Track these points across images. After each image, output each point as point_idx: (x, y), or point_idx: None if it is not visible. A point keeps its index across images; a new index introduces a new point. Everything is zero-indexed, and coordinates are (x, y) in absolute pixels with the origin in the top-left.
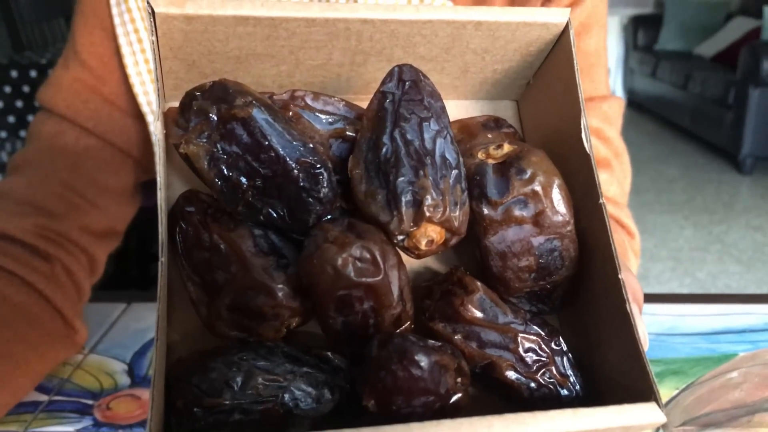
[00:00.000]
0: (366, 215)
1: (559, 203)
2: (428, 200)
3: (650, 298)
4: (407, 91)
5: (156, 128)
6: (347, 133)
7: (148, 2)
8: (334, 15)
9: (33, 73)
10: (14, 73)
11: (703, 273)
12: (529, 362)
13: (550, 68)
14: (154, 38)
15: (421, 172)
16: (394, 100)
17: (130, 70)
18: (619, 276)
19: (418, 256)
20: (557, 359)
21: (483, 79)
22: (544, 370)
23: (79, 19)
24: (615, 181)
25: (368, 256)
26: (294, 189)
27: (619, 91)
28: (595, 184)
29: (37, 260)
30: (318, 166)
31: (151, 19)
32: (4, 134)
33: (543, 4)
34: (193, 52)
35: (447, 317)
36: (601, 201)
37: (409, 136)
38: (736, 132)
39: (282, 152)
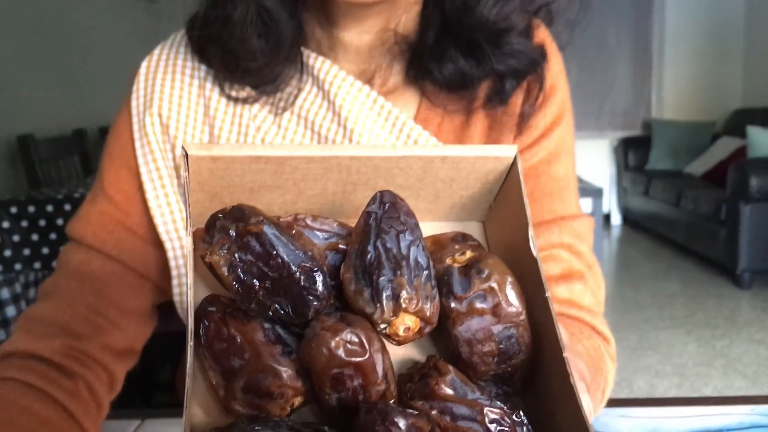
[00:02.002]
0: (355, 309)
1: (512, 297)
2: (404, 294)
3: (633, 402)
4: (387, 211)
5: (186, 243)
6: (340, 246)
7: (183, 147)
8: (329, 153)
9: (49, 208)
10: (31, 209)
11: (709, 389)
12: (494, 431)
13: (506, 193)
14: (186, 174)
15: (398, 273)
16: (377, 218)
17: (152, 203)
18: (564, 355)
19: (399, 343)
20: (518, 429)
21: (452, 203)
22: None
23: (107, 159)
24: (589, 291)
25: (356, 339)
26: (296, 288)
27: (614, 210)
28: (542, 282)
29: (63, 378)
30: (315, 269)
31: (185, 160)
32: (18, 266)
33: (515, 138)
34: (216, 186)
35: (424, 395)
36: (547, 295)
37: (388, 245)
38: (731, 247)
39: (287, 259)
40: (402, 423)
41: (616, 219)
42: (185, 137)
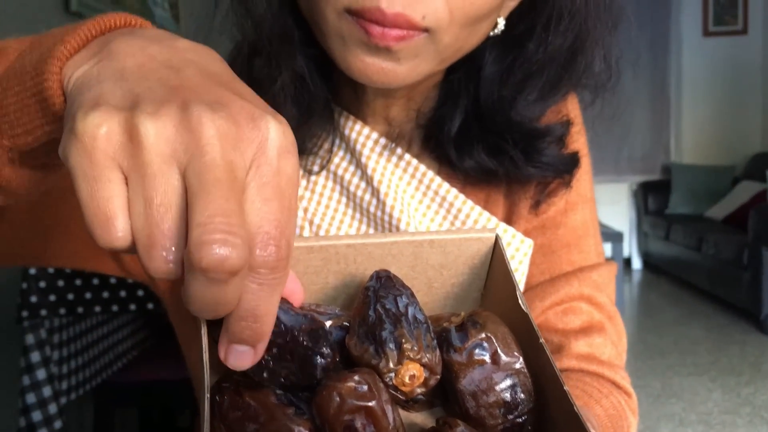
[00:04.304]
0: (362, 365)
1: (507, 344)
2: (406, 343)
3: None
4: (384, 283)
5: (203, 335)
6: (344, 323)
7: None
8: (326, 243)
9: None
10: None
11: None
12: None
13: (493, 274)
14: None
15: (399, 326)
16: (375, 289)
17: None
18: (564, 388)
19: (406, 396)
20: None
21: (446, 294)
22: None
23: None
24: (609, 343)
25: (365, 386)
26: (301, 350)
27: (635, 255)
28: (534, 330)
29: None
30: (317, 329)
31: None
32: (44, 312)
33: (532, 208)
34: None
35: None
36: (540, 341)
37: (387, 306)
38: (754, 292)
39: (289, 324)
40: None
41: (637, 264)
42: None
